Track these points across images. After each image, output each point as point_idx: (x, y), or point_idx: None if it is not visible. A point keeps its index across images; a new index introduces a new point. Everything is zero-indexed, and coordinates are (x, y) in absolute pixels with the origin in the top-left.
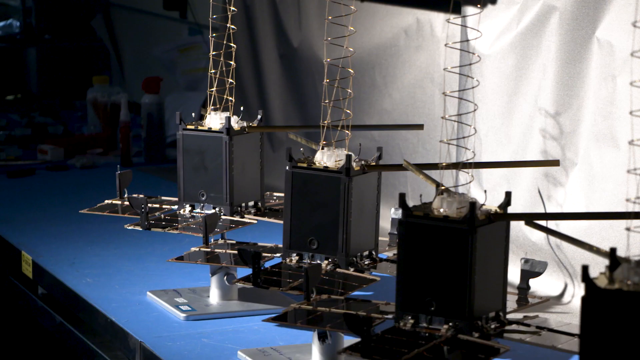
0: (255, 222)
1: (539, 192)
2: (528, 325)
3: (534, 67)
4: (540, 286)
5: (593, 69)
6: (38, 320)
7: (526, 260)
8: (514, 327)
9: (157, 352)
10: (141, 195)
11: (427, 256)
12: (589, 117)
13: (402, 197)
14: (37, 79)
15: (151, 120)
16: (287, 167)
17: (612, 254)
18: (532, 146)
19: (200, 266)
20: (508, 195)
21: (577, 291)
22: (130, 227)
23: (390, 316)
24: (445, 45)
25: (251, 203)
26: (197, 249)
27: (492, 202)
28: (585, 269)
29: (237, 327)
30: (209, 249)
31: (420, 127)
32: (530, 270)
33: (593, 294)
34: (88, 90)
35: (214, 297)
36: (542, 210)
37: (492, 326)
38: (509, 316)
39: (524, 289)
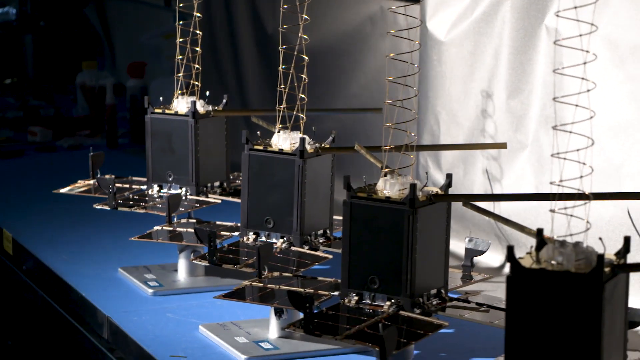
0: (220, 201)
1: (487, 173)
2: (469, 302)
3: (487, 54)
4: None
5: (542, 56)
6: (23, 294)
7: (470, 239)
8: (455, 303)
9: (123, 326)
10: (109, 176)
11: (371, 236)
12: (538, 101)
13: (346, 179)
14: (32, 64)
15: (135, 103)
16: (244, 150)
17: (538, 234)
18: (486, 129)
19: (173, 244)
20: (449, 176)
21: None
22: (98, 207)
23: (336, 293)
24: (387, 33)
25: (217, 183)
26: (160, 228)
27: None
28: (510, 249)
29: (201, 303)
30: (171, 228)
31: (379, 110)
32: (474, 249)
33: (518, 273)
34: (77, 75)
35: (182, 273)
36: (498, 191)
37: (434, 303)
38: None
39: (468, 266)
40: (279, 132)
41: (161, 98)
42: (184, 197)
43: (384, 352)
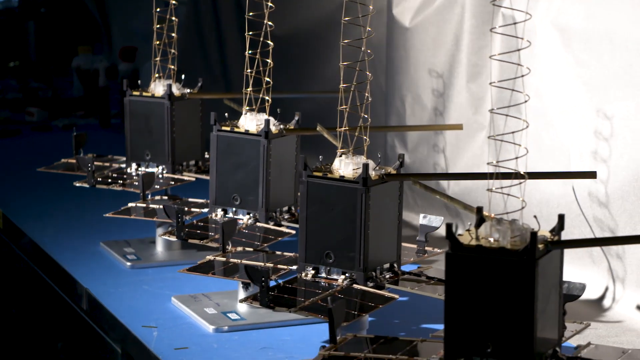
0: (194, 179)
1: (444, 153)
2: (419, 275)
3: (449, 39)
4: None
5: (498, 41)
6: (16, 265)
7: (425, 216)
8: (407, 277)
9: (100, 298)
10: (89, 155)
11: (326, 213)
12: (507, 84)
13: (303, 159)
14: (34, 49)
15: (136, 86)
16: (213, 131)
17: (477, 212)
18: (448, 110)
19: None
20: (401, 157)
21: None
22: (78, 184)
23: (294, 267)
24: (342, 21)
25: (192, 162)
26: (135, 204)
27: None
28: (449, 226)
29: (176, 275)
30: (145, 204)
31: (335, 92)
32: (428, 225)
33: (456, 250)
34: (74, 59)
35: (159, 247)
36: (458, 170)
37: (387, 276)
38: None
39: (422, 241)
40: (245, 114)
41: (139, 81)
42: (160, 175)
43: (332, 323)
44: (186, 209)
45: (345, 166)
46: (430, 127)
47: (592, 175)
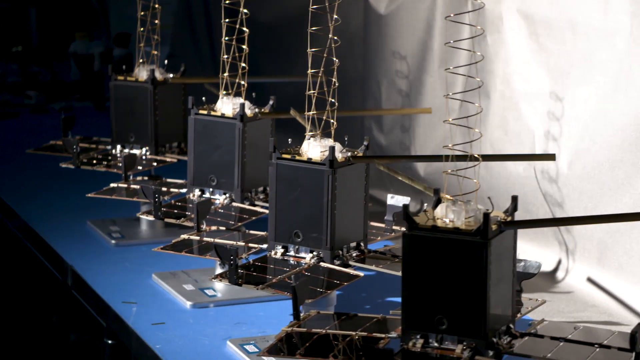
0: (175, 160)
1: (410, 136)
2: (385, 254)
3: (421, 26)
4: None
5: (467, 28)
6: (11, 243)
7: (392, 196)
8: (372, 255)
9: (83, 275)
10: (75, 138)
11: (295, 194)
12: (463, 70)
13: (273, 142)
14: (36, 34)
15: (119, 72)
16: (190, 114)
17: (435, 193)
18: (422, 95)
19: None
20: (367, 139)
21: None
22: (64, 165)
23: (264, 246)
24: (310, 9)
25: (175, 144)
26: (117, 185)
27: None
28: (405, 207)
29: (158, 253)
30: (126, 185)
31: (298, 77)
32: (395, 205)
33: (412, 229)
34: (71, 44)
35: (143, 226)
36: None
37: (354, 254)
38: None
39: (390, 221)
40: (222, 98)
41: (124, 67)
42: (143, 157)
43: (296, 300)
44: (165, 189)
45: (313, 149)
46: (399, 111)
47: (551, 157)
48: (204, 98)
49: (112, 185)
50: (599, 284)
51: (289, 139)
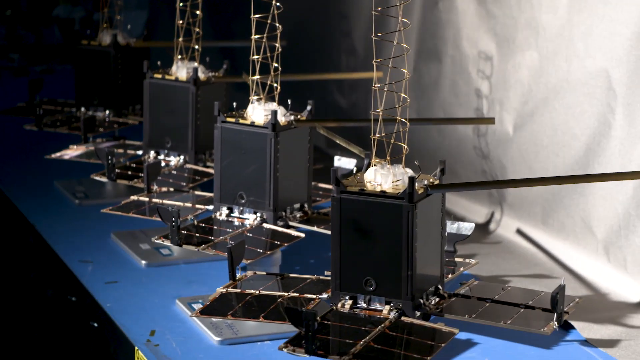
0: (137, 122)
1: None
2: (327, 215)
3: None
4: None
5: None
6: None
7: (339, 158)
8: (317, 217)
9: (43, 234)
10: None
11: (239, 156)
12: (415, 37)
13: (217, 106)
14: None
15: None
16: (146, 78)
17: (366, 157)
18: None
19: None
20: (310, 104)
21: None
22: (28, 128)
23: (210, 207)
24: None
25: (138, 106)
26: (75, 147)
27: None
28: (334, 172)
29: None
30: (85, 146)
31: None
32: (342, 167)
33: (341, 193)
34: (54, 9)
35: (108, 185)
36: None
37: (297, 216)
38: None
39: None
40: (177, 63)
41: (88, 31)
42: (106, 119)
43: (231, 261)
44: (122, 150)
45: (257, 112)
46: (346, 75)
47: (490, 121)
48: (159, 62)
49: (71, 147)
50: (540, 243)
51: (234, 103)
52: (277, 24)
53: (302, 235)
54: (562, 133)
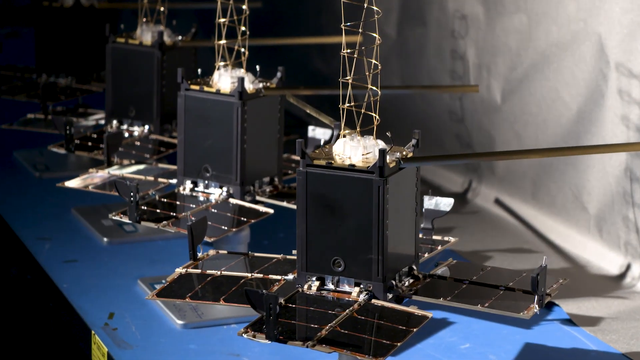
0: (102, 90)
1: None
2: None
3: None
4: None
5: None
6: None
7: (313, 128)
8: (287, 191)
9: (1, 209)
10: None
11: (204, 127)
12: (398, 2)
13: (181, 72)
14: None
15: None
16: (107, 43)
17: (335, 128)
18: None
19: None
20: (281, 71)
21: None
22: None
23: (174, 181)
24: None
25: (103, 73)
26: (33, 116)
27: None
28: (299, 143)
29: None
30: (43, 116)
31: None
32: (315, 137)
33: (306, 166)
34: None
35: (73, 157)
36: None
37: (267, 190)
38: None
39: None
40: (141, 25)
41: None
42: (69, 85)
43: (192, 240)
44: (83, 120)
45: (223, 80)
46: (318, 39)
47: (474, 88)
48: (122, 25)
49: (29, 116)
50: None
51: (199, 69)
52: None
53: (271, 211)
54: (552, 101)
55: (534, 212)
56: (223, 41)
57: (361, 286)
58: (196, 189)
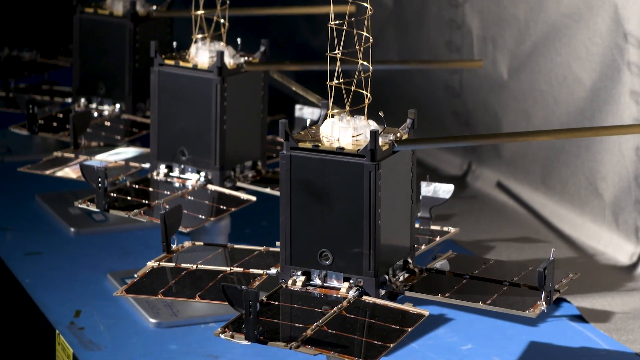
0: (69, 65)
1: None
2: None
3: None
4: None
5: None
6: None
7: (300, 107)
8: (271, 176)
9: None
10: None
11: (180, 106)
12: None
13: (155, 45)
14: None
15: None
16: (75, 13)
17: (324, 107)
18: None
19: None
20: (264, 44)
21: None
22: None
23: (146, 165)
24: None
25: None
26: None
27: None
28: (283, 124)
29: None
30: (4, 94)
31: None
32: (302, 117)
33: (291, 150)
34: None
35: (38, 139)
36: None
37: (249, 175)
38: None
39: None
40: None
41: None
42: (34, 59)
43: (166, 231)
44: (48, 98)
45: (201, 54)
46: (299, 10)
47: (477, 63)
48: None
49: None
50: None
51: (174, 42)
52: None
53: (254, 198)
54: (563, 78)
55: (544, 199)
56: (201, 11)
57: (351, 281)
58: (171, 174)
